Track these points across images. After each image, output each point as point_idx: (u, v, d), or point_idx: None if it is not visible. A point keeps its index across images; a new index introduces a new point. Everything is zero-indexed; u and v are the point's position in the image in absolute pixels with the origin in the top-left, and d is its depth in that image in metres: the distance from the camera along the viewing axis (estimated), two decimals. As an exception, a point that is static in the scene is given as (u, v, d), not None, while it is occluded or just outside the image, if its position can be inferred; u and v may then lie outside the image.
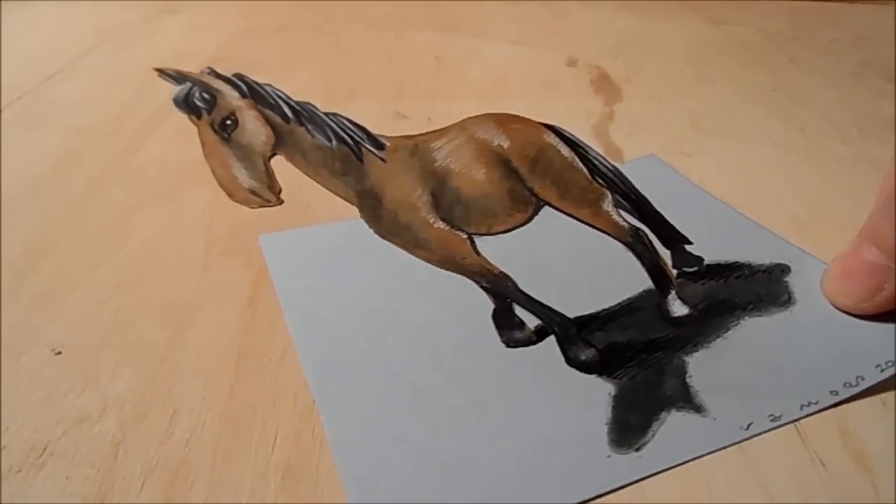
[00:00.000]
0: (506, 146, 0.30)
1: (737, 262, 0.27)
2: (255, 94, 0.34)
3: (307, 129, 0.32)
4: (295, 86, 0.39)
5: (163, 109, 0.36)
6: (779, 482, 0.18)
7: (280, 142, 0.32)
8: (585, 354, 0.22)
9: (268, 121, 0.32)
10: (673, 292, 0.25)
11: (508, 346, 0.23)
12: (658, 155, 0.32)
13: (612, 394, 0.21)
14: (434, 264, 0.26)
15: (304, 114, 0.33)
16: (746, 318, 0.24)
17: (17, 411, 0.20)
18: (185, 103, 0.34)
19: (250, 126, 0.33)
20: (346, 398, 0.20)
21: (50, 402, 0.20)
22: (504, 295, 0.25)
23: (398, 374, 0.21)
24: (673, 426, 0.20)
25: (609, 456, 0.19)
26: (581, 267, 0.26)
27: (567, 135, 0.31)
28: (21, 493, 0.17)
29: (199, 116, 0.32)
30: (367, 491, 0.18)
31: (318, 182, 0.30)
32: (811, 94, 0.38)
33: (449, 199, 0.28)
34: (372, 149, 0.30)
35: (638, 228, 0.28)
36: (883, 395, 0.20)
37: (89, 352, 0.21)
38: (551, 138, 0.31)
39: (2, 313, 0.23)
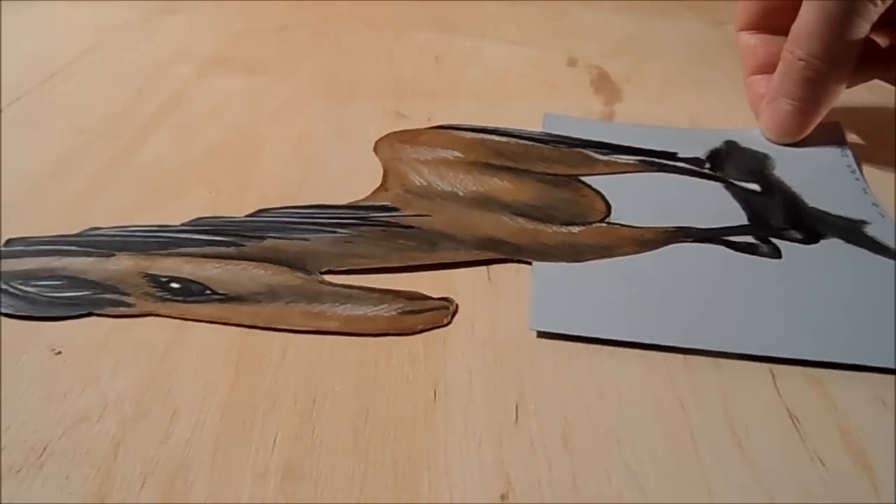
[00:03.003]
0: (462, 156, 0.28)
1: (708, 151, 0.31)
2: (128, 246, 0.25)
3: (283, 238, 0.25)
4: (295, 86, 0.40)
5: (163, 109, 0.36)
6: (779, 482, 0.18)
7: (296, 262, 0.24)
8: (799, 233, 0.25)
9: (219, 257, 0.24)
10: (729, 180, 0.29)
11: (774, 258, 0.24)
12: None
13: (845, 242, 0.25)
14: (634, 253, 0.25)
15: (241, 228, 0.25)
16: (779, 177, 0.29)
17: (17, 411, 0.20)
18: (72, 306, 0.22)
19: (218, 272, 0.23)
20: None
21: (50, 402, 0.20)
22: (705, 239, 0.25)
23: (757, 332, 0.22)
24: None
25: None
26: (671, 197, 0.28)
27: (468, 126, 0.31)
28: (21, 493, 0.17)
29: (124, 305, 0.23)
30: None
31: (424, 263, 0.24)
32: (811, 94, 0.38)
33: (532, 213, 0.26)
34: (393, 214, 0.26)
35: (643, 159, 0.29)
36: (883, 395, 0.20)
37: (89, 352, 0.21)
38: (469, 135, 0.30)
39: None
